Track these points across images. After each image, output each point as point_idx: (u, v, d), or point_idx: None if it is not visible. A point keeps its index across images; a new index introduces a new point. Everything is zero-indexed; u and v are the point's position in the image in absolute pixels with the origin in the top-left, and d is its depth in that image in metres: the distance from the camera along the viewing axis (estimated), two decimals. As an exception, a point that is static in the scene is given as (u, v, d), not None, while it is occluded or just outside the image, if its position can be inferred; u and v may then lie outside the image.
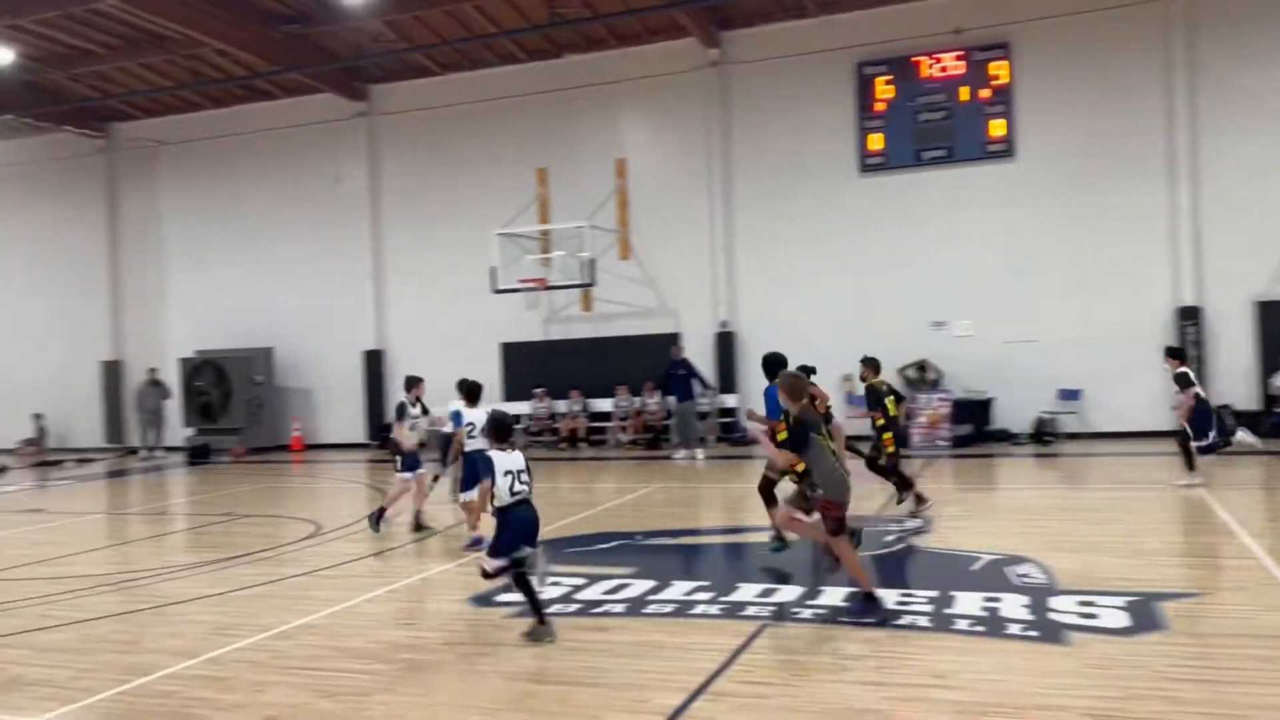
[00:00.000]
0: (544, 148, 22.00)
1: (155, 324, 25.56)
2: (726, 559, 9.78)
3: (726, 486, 14.97)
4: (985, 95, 19.19)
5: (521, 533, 6.71)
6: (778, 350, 9.37)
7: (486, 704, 5.39)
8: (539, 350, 22.14)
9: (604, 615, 7.20)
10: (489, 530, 6.98)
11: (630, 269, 21.54)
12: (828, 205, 20.12)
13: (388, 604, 7.97)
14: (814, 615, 6.92)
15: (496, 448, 6.83)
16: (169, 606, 8.08)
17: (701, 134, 20.97)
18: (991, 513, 12.10)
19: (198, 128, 24.81)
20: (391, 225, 23.47)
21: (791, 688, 5.45)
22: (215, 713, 5.44)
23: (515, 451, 6.84)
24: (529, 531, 6.76)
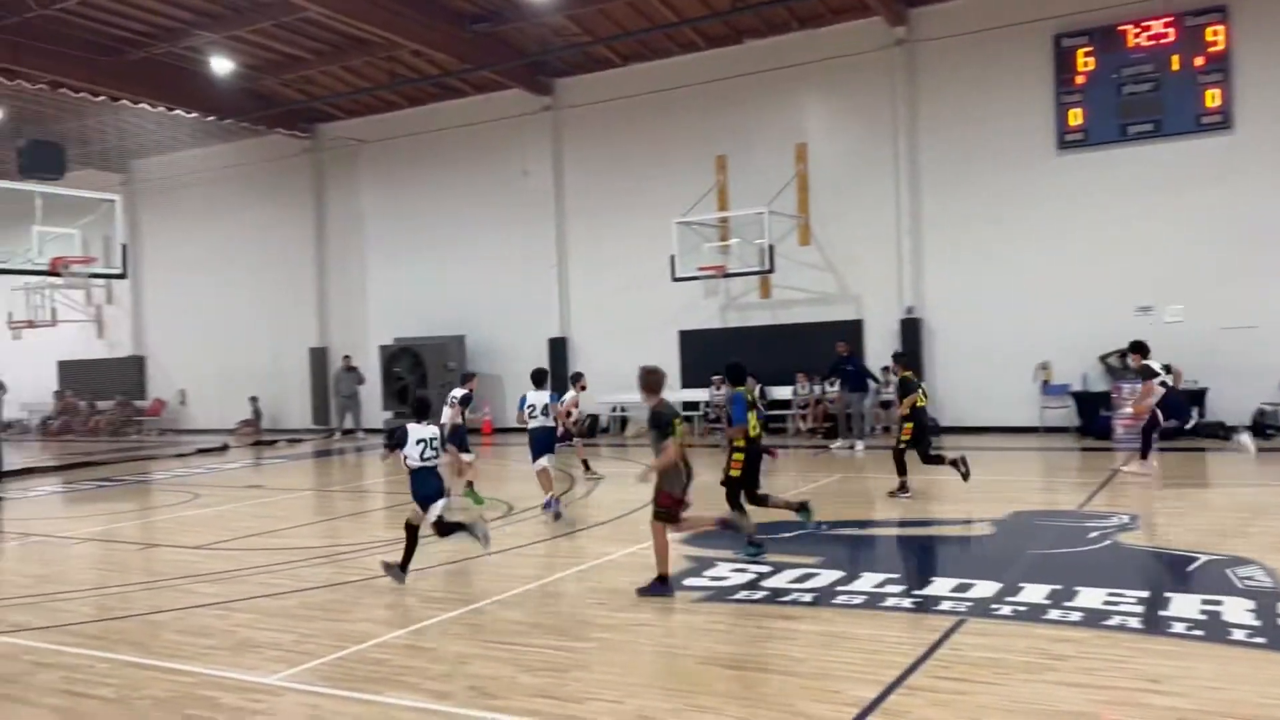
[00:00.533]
0: (723, 135, 21.96)
1: (357, 313, 27.11)
2: (917, 552, 9.53)
3: (909, 478, 14.57)
4: (1199, 63, 17.84)
5: (424, 493, 8.19)
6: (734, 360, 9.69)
7: (677, 686, 5.47)
8: (716, 338, 22.16)
9: (791, 604, 7.16)
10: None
11: (810, 255, 21.25)
12: (1022, 185, 19.22)
13: (579, 584, 8.18)
14: (1014, 612, 6.65)
15: (413, 421, 8.31)
16: (376, 579, 8.58)
17: (886, 115, 20.41)
18: (1205, 510, 11.28)
19: (395, 126, 26.09)
20: (575, 216, 24.01)
21: (993, 685, 5.27)
22: (425, 681, 5.74)
23: (430, 425, 8.38)
24: (428, 492, 8.20)
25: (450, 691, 5.55)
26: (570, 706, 5.23)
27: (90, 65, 21.61)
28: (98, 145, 27.51)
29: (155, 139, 27.83)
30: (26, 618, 7.78)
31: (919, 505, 11.95)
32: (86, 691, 5.80)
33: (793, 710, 5.02)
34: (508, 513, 12.02)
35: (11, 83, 21.54)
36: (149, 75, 22.63)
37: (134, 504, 14.95)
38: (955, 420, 19.55)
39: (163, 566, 9.77)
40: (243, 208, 28.44)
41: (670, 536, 7.71)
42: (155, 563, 10.08)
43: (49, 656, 6.57)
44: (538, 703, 5.29)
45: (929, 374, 19.80)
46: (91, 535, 11.72)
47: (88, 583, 9.08)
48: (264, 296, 28.09)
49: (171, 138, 27.65)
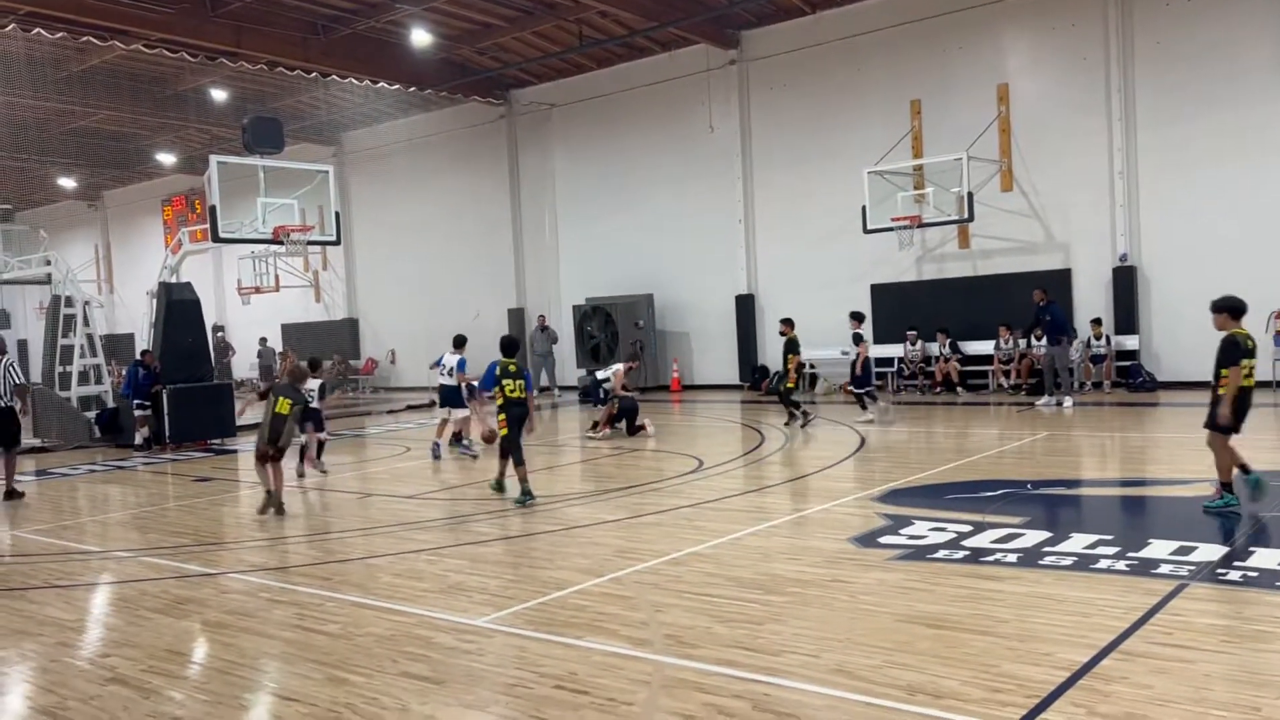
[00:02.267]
0: (917, 79, 21.11)
1: (550, 274, 27.89)
2: (1130, 512, 9.00)
3: (1123, 435, 13.74)
4: None
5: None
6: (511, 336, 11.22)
7: (875, 642, 5.39)
8: (911, 290, 21.50)
9: (995, 564, 6.91)
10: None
11: (1014, 201, 20.21)
12: (1251, 118, 17.56)
13: (771, 539, 8.18)
14: (1243, 578, 6.19)
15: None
16: (575, 529, 8.87)
17: (1098, 46, 19.04)
18: None
19: (584, 89, 26.49)
20: (762, 170, 23.73)
21: (1220, 654, 4.93)
22: (623, 628, 5.91)
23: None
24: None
25: (648, 639, 5.69)
26: (766, 658, 5.25)
27: (302, 44, 23.00)
28: (310, 119, 29.34)
29: (362, 111, 29.36)
30: (263, 559, 8.50)
31: (1134, 464, 11.28)
32: (316, 627, 6.29)
33: (998, 671, 4.86)
34: (698, 468, 12.13)
35: (234, 64, 23.21)
36: (355, 50, 23.85)
37: (352, 456, 16.01)
38: (1174, 375, 18.27)
39: (379, 514, 10.44)
40: (443, 174, 29.65)
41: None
42: (372, 510, 10.78)
43: (282, 595, 7.16)
44: (733, 653, 5.34)
45: (1144, 326, 18.56)
46: (316, 485, 12.65)
47: (314, 529, 9.83)
48: (465, 260, 29.28)
49: (376, 109, 29.11)
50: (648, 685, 4.99)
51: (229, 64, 23.13)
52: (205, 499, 12.14)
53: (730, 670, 5.08)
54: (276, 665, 5.73)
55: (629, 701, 4.78)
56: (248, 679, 5.51)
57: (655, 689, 4.94)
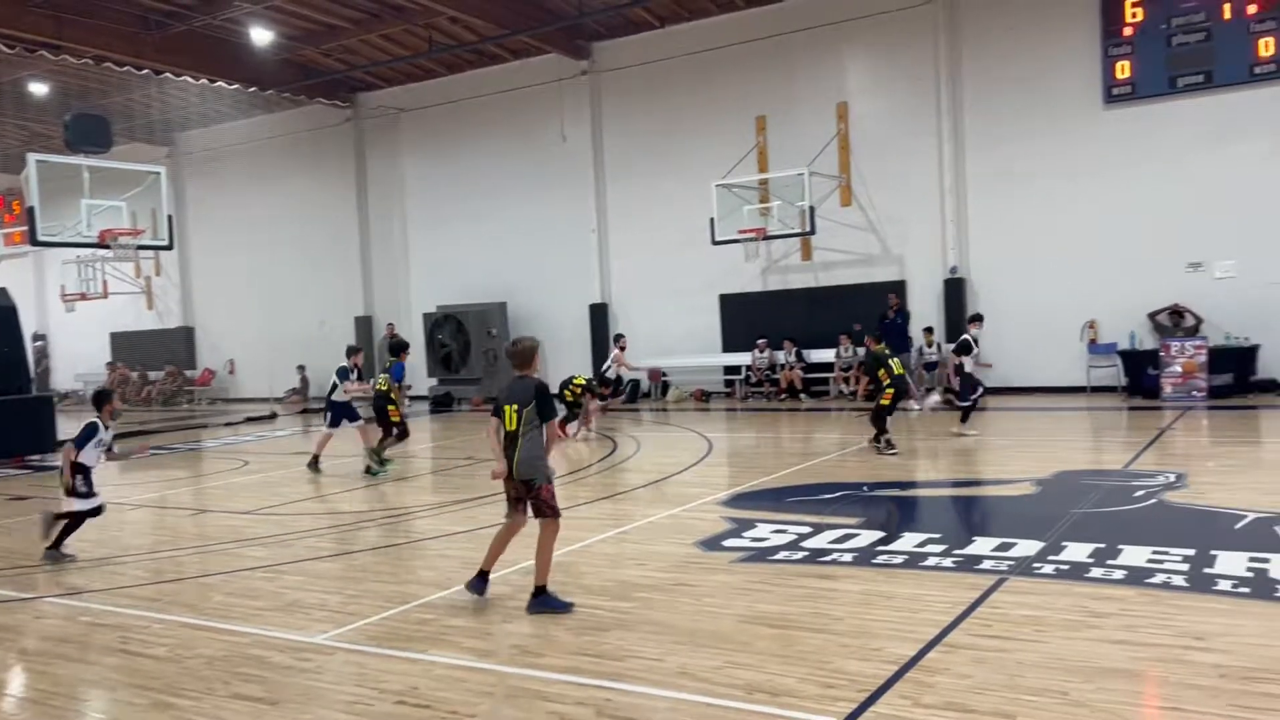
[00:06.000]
0: (763, 95, 21.73)
1: (400, 281, 27.36)
2: (958, 512, 9.49)
3: (955, 439, 14.48)
4: (1252, 11, 17.32)
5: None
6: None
7: (718, 644, 5.51)
8: (757, 300, 22.08)
9: (832, 564, 7.18)
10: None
11: (852, 216, 21.03)
12: (1068, 141, 18.83)
13: (620, 545, 8.25)
14: (1056, 571, 6.62)
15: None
16: (422, 542, 8.72)
17: (929, 71, 20.06)
18: (1256, 468, 11.10)
19: (434, 94, 26.12)
20: (614, 180, 23.94)
21: (1033, 643, 5.26)
22: (468, 639, 5.85)
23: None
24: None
25: (493, 650, 5.65)
26: (611, 664, 5.30)
27: (133, 39, 21.84)
28: (143, 118, 27.91)
29: (199, 111, 28.12)
30: (84, 581, 8.02)
31: (964, 465, 11.90)
32: (142, 651, 5.98)
33: (832, 668, 5.05)
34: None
35: (56, 57, 21.84)
36: (191, 47, 22.81)
37: (186, 471, 15.29)
38: (1001, 381, 19.33)
39: (214, 531, 10.00)
40: (286, 178, 28.69)
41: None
42: (207, 527, 10.32)
43: (106, 618, 6.77)
44: (579, 660, 5.37)
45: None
46: (145, 502, 12.02)
47: (142, 547, 9.33)
48: (309, 266, 28.38)
49: (215, 109, 27.93)
50: (491, 696, 4.96)
51: (50, 57, 21.75)
52: (21, 518, 11.35)
53: (575, 677, 5.11)
54: (98, 693, 5.42)
55: (471, 714, 4.75)
56: (64, 709, 5.19)
57: (499, 700, 4.92)
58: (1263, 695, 4.42)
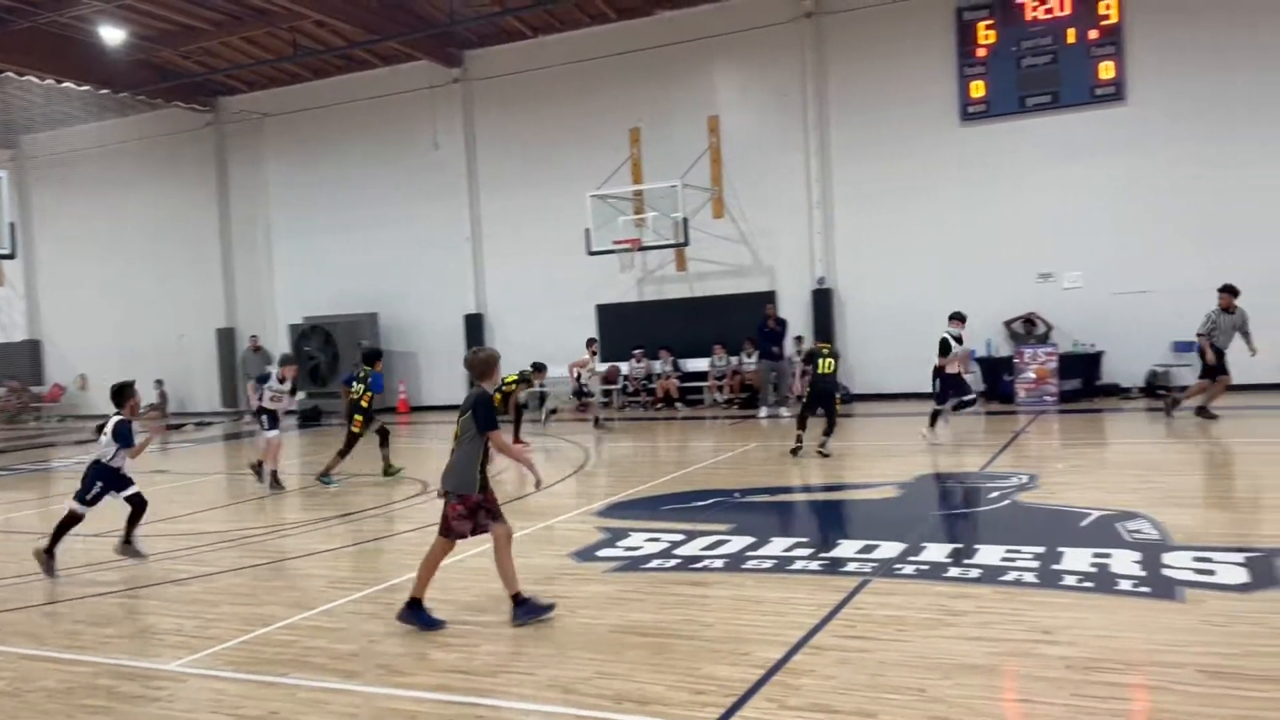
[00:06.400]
0: (637, 107, 21.93)
1: (265, 292, 26.48)
2: (825, 516, 9.73)
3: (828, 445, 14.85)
4: (1094, 36, 18.40)
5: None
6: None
7: (589, 654, 5.50)
8: (634, 311, 22.23)
9: (703, 570, 7.25)
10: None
11: (725, 227, 21.41)
12: (928, 156, 19.61)
13: (492, 559, 8.13)
14: (916, 571, 6.85)
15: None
16: (285, 561, 8.44)
17: (796, 87, 20.61)
18: (1101, 468, 11.75)
19: (300, 99, 25.44)
20: (488, 189, 23.76)
21: (894, 642, 5.42)
22: (331, 660, 5.68)
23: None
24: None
25: (358, 670, 5.50)
26: (481, 680, 5.23)
27: (-30, 35, 20.60)
28: (-19, 119, 26.31)
29: (45, 113, 26.70)
30: (-87, 613, 7.46)
31: (831, 470, 12.21)
32: (-23, 686, 5.60)
33: (701, 674, 5.09)
34: (424, 491, 11.91)
35: (-116, 54, 20.41)
36: (36, 46, 21.61)
37: (33, 493, 14.42)
38: (867, 387, 19.97)
39: (62, 556, 9.44)
40: (142, 184, 27.47)
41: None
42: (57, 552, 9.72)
43: (-63, 652, 6.31)
44: (449, 678, 5.28)
45: (841, 343, 20.13)
46: (-15, 526, 11.27)
47: (-20, 575, 8.74)
48: (167, 276, 27.24)
49: (63, 111, 26.54)
50: (356, 719, 4.83)
51: (-124, 52, 20.31)
52: None
53: (444, 695, 5.02)
54: (-77, 735, 5.05)
55: (335, 737, 4.61)
56: (-115, 754, 4.82)
57: (364, 721, 4.79)
58: (1103, 684, 4.66)
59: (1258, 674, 4.65)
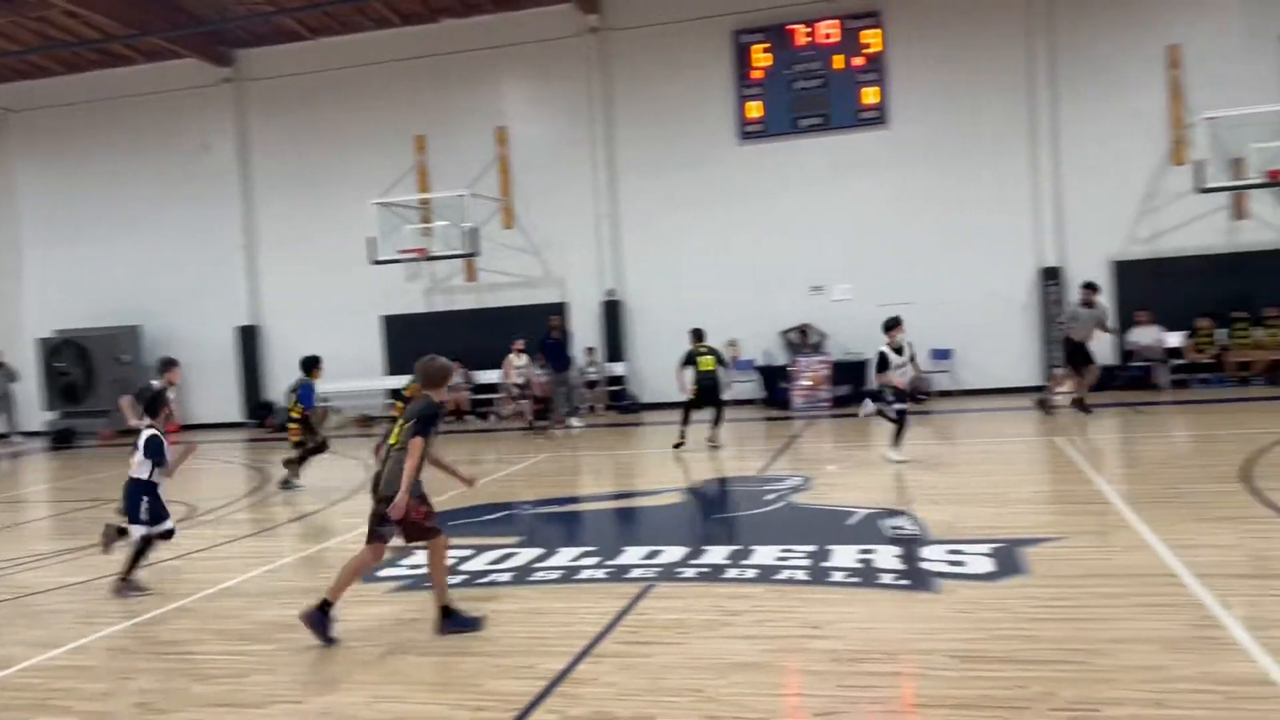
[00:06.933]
0: (422, 115, 21.55)
1: (9, 302, 24.19)
2: (613, 524, 9.84)
3: (614, 453, 15.06)
4: (859, 63, 19.60)
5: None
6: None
7: (366, 678, 5.32)
8: (422, 322, 21.78)
9: (490, 585, 7.17)
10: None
11: (514, 238, 21.36)
12: (710, 173, 20.29)
13: (267, 583, 7.75)
14: (697, 574, 7.03)
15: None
16: (29, 597, 7.71)
17: (584, 101, 20.85)
18: (867, 469, 12.45)
19: (50, 94, 23.47)
20: (264, 195, 22.70)
21: (675, 645, 5.54)
22: (79, 702, 5.23)
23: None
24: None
25: (111, 710, 5.08)
26: (249, 712, 4.95)
27: None
28: None
29: None
30: None
31: (619, 478, 12.38)
32: None
33: (482, 690, 5.03)
34: (189, 515, 11.18)
35: None
36: None
37: None
38: (656, 397, 20.38)
39: None
40: None
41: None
42: None
43: None
44: (213, 712, 4.96)
45: (630, 353, 20.49)
46: None
47: None
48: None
49: None
50: (106, 764, 4.46)
51: None
52: None
53: (206, 732, 4.72)
54: None
55: (80, 787, 4.23)
56: None
57: (115, 767, 4.42)
58: (865, 674, 4.93)
59: (1000, 656, 5.05)
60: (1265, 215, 18.12)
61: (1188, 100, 17.81)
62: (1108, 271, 18.71)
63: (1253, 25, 17.95)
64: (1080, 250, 18.76)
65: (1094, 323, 15.07)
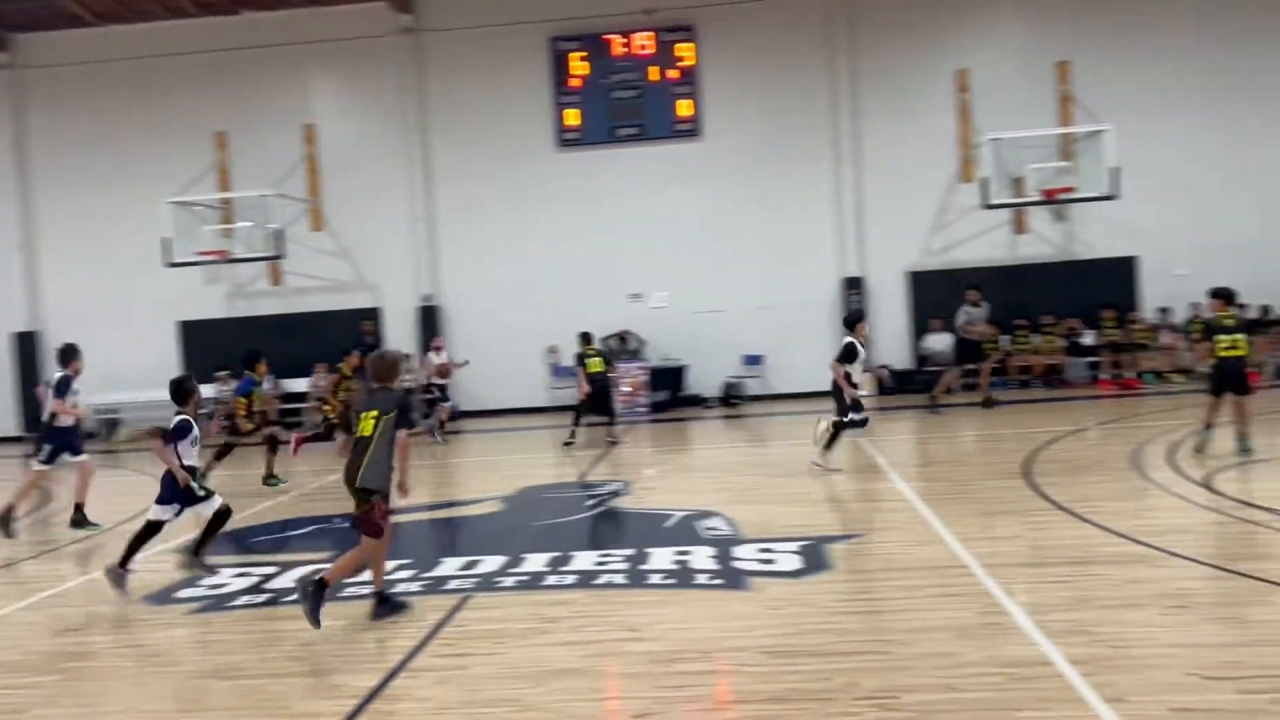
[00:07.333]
0: (223, 110, 20.51)
1: None
2: (431, 535, 9.64)
3: (434, 463, 14.76)
4: (674, 76, 20.01)
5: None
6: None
7: (163, 706, 5.01)
8: (222, 328, 20.70)
9: (295, 604, 6.86)
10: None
11: (324, 241, 20.63)
12: (528, 179, 20.23)
13: (49, 610, 7.17)
14: (516, 583, 6.98)
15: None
16: None
17: (397, 102, 20.39)
18: (684, 472, 12.75)
19: None
20: (45, 191, 21.04)
21: (493, 655, 5.48)
22: None
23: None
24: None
25: None
26: (26, 752, 4.56)
27: None
28: None
29: None
30: None
31: (437, 488, 12.14)
32: None
33: (291, 712, 4.82)
34: (-43, 538, 10.20)
35: None
36: None
37: None
38: (475, 404, 20.13)
39: None
40: None
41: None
42: None
43: None
44: (-17, 755, 4.55)
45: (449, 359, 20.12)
46: None
47: None
48: None
49: None
50: None
51: None
52: None
53: (-24, 776, 4.31)
54: None
55: None
56: None
57: None
58: (680, 674, 5.02)
59: (808, 649, 5.26)
60: (1043, 231, 19.65)
61: (975, 121, 19.10)
62: (904, 282, 19.83)
63: (1032, 53, 19.44)
64: (880, 261, 19.81)
65: (983, 321, 16.76)
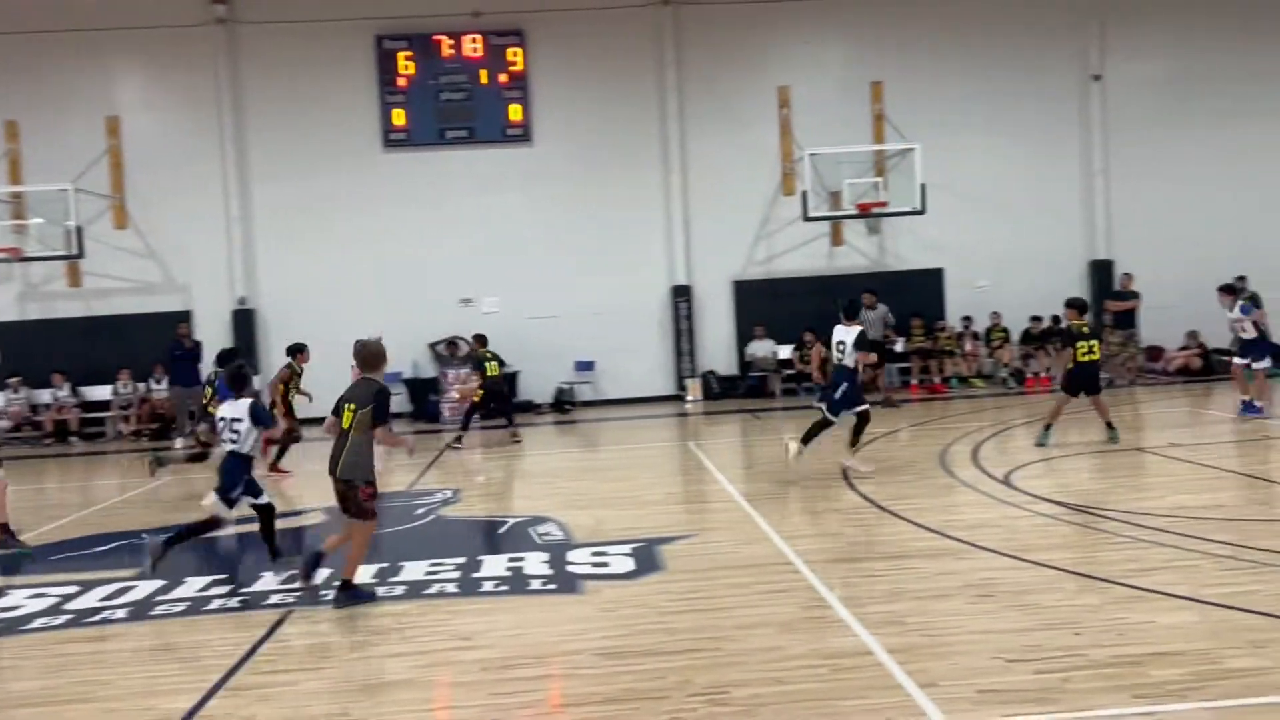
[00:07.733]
0: (13, 97, 18.97)
1: None
2: (249, 548, 9.20)
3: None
4: (504, 80, 19.89)
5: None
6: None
7: (-52, 743, 4.60)
8: (14, 331, 19.12)
9: (102, 623, 6.45)
10: None
11: (129, 240, 19.40)
12: (352, 180, 19.65)
13: None
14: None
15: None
16: None
17: (210, 96, 19.42)
18: (517, 479, 12.68)
19: None
20: None
21: (320, 670, 5.30)
22: None
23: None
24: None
25: None
26: None
27: None
28: None
29: None
30: None
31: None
32: None
33: (95, 741, 4.51)
34: None
35: None
36: None
37: None
38: (301, 412, 19.33)
39: None
40: None
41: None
42: None
43: None
44: None
45: (265, 365, 19.32)
46: None
47: None
48: None
49: None
50: None
51: None
52: None
53: None
54: None
55: None
56: None
57: None
58: (514, 680, 5.00)
59: (641, 650, 5.33)
60: (858, 243, 20.57)
61: (796, 136, 19.82)
62: (729, 290, 20.37)
63: (850, 72, 20.32)
64: (706, 270, 20.27)
65: (881, 322, 17.33)
